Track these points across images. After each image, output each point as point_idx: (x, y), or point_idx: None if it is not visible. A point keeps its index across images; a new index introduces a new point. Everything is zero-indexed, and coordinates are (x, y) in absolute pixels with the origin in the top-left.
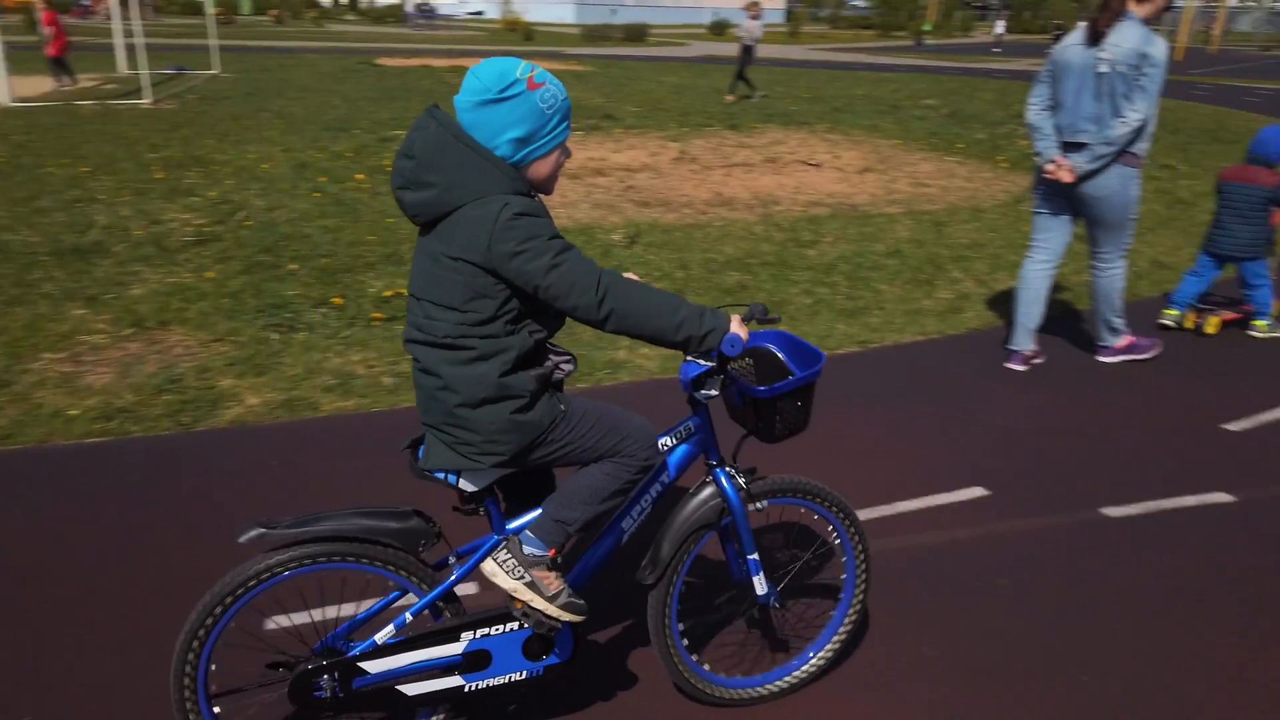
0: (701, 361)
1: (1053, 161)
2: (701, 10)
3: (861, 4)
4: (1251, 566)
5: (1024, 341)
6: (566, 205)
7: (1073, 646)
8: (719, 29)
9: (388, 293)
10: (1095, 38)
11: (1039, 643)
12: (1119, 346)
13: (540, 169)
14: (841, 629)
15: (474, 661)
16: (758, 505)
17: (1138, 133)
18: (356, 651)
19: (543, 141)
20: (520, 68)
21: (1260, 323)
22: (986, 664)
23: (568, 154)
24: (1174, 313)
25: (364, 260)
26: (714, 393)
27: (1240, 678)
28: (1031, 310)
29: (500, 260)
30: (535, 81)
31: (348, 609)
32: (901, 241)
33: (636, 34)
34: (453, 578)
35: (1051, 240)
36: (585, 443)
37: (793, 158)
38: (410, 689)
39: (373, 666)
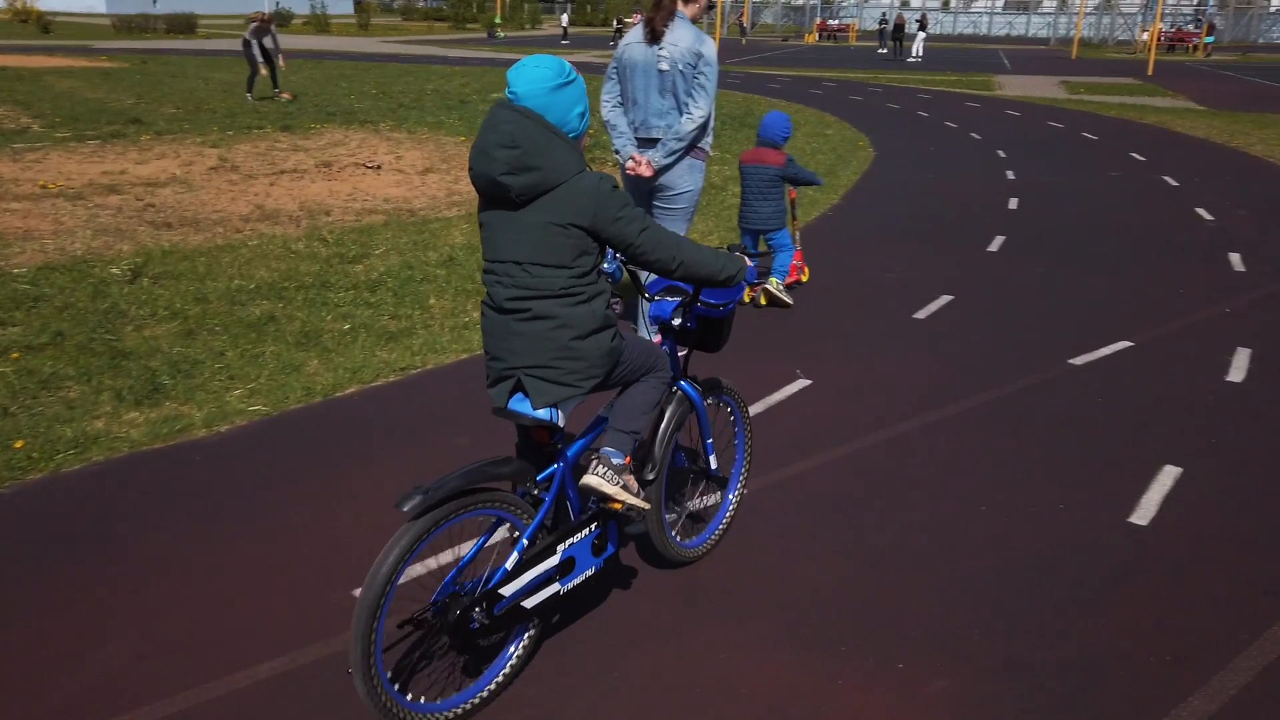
0: (670, 298)
1: (632, 158)
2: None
3: None
4: (764, 562)
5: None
6: (59, 234)
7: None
8: (284, 19)
9: None
10: (654, 37)
11: (523, 698)
12: (658, 341)
13: (584, 140)
14: (733, 500)
15: (566, 567)
16: (709, 401)
17: (702, 128)
18: (495, 581)
19: (589, 114)
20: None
21: (774, 280)
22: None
23: None
24: (755, 288)
25: None
26: (680, 320)
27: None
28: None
29: (604, 224)
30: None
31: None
32: (456, 248)
33: (183, 25)
34: (546, 503)
35: None
36: (637, 361)
37: (351, 160)
38: (529, 602)
39: (507, 590)
